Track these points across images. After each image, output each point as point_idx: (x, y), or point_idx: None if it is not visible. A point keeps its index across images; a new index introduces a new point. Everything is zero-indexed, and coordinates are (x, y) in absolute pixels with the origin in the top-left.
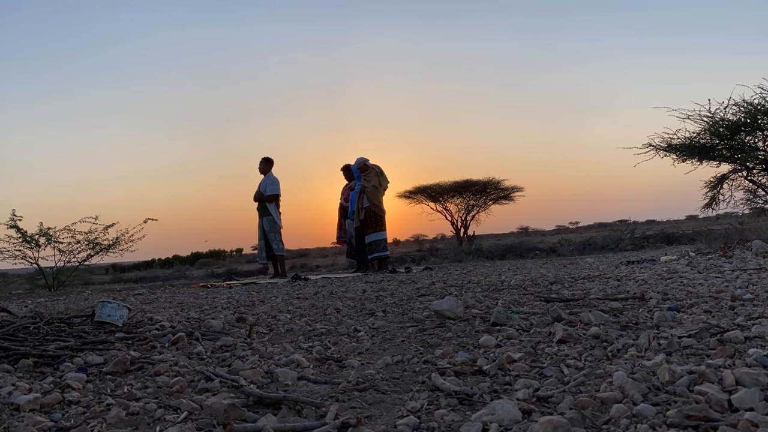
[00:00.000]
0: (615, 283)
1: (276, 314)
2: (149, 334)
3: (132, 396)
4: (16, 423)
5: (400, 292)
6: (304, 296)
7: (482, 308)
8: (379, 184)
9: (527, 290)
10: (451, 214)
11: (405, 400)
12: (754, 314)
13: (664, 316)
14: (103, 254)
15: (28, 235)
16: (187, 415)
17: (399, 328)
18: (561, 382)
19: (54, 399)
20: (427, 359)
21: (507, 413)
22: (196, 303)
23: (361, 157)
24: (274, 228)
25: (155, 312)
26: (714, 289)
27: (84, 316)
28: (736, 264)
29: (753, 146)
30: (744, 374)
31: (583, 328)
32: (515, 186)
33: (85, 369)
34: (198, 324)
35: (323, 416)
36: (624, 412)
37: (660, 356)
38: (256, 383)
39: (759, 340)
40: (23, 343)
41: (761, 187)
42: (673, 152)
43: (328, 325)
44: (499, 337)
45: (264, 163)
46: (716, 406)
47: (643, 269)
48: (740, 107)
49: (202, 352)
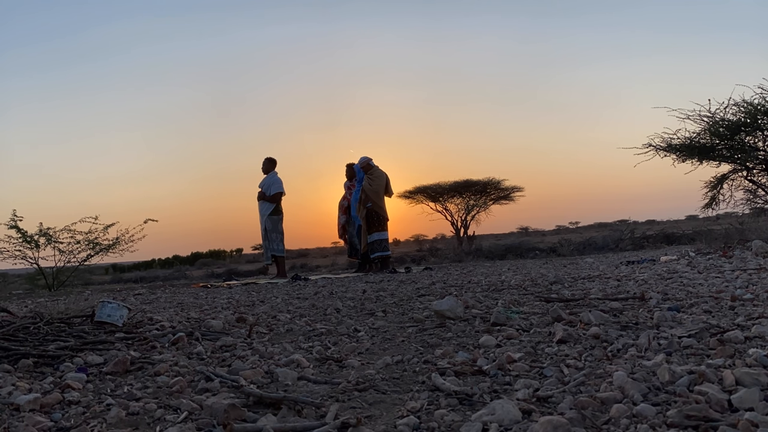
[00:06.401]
0: (615, 283)
1: (276, 314)
2: (149, 334)
3: (132, 396)
4: (16, 423)
5: (400, 292)
6: (304, 296)
7: (482, 308)
8: (383, 190)
9: (527, 290)
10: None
11: (405, 400)
12: (754, 314)
13: (664, 316)
14: (103, 254)
15: (28, 236)
16: (187, 415)
17: (399, 328)
18: (561, 382)
19: (54, 399)
20: (427, 359)
21: (507, 413)
22: (196, 303)
23: (364, 156)
24: (276, 228)
25: (155, 312)
26: (714, 289)
27: (84, 316)
28: (736, 264)
29: (753, 146)
30: (744, 374)
31: (583, 328)
32: (515, 186)
33: (85, 369)
34: (198, 324)
35: (323, 416)
36: (624, 412)
37: (660, 356)
38: (256, 383)
39: (759, 340)
40: (23, 343)
41: (761, 187)
42: (673, 152)
43: (328, 325)
44: (499, 337)
45: (267, 163)
46: (716, 406)
47: (643, 269)
48: (740, 107)
49: (202, 352)
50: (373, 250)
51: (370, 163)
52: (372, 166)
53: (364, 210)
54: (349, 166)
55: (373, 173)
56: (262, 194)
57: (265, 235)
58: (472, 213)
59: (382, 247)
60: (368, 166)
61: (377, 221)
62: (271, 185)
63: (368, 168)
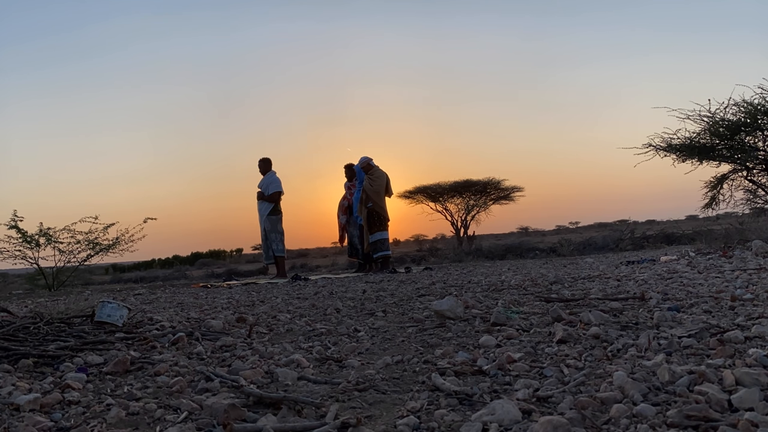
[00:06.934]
0: (615, 283)
1: (276, 314)
2: (149, 334)
3: (132, 396)
4: (16, 423)
5: (400, 292)
6: (304, 296)
7: (482, 308)
8: (384, 190)
9: (527, 290)
10: (451, 214)
11: (405, 400)
12: (754, 314)
13: (664, 316)
14: (103, 254)
15: (28, 236)
16: (187, 415)
17: (399, 328)
18: (561, 382)
19: (54, 399)
20: (427, 359)
21: (507, 413)
22: (196, 303)
23: (365, 156)
24: (275, 228)
25: (155, 312)
26: (714, 289)
27: (84, 316)
28: (736, 264)
29: (753, 146)
30: (744, 374)
31: (583, 328)
32: (515, 186)
33: (85, 369)
34: (198, 324)
35: (323, 416)
36: (624, 412)
37: (660, 356)
38: (256, 383)
39: (759, 340)
40: (23, 343)
41: (761, 187)
42: (673, 152)
43: (328, 325)
44: (499, 337)
45: (262, 164)
46: (716, 406)
47: (643, 269)
48: (740, 107)
49: (202, 352)
50: (376, 250)
51: (370, 163)
52: (372, 166)
53: (365, 210)
54: (348, 166)
55: (374, 173)
56: (261, 194)
57: (264, 236)
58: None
59: (384, 246)
60: (369, 166)
61: (378, 221)
62: (269, 185)
63: (369, 168)
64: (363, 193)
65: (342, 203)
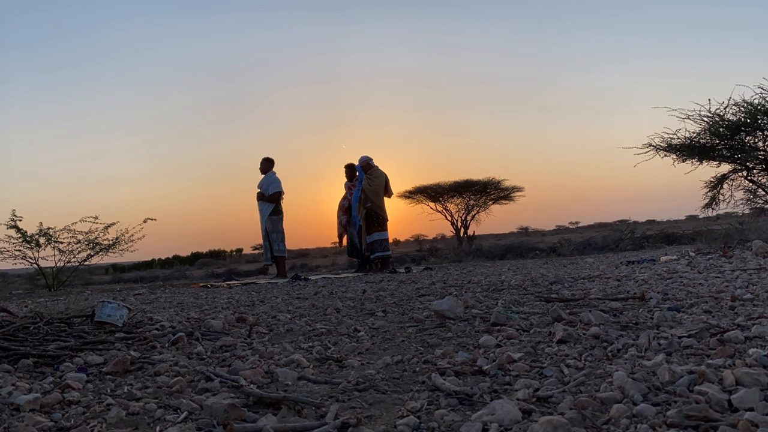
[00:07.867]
0: (615, 283)
1: (276, 314)
2: (149, 334)
3: (132, 396)
4: (16, 423)
5: (400, 292)
6: (304, 296)
7: (482, 308)
8: (383, 190)
9: (527, 290)
10: (451, 214)
11: (405, 400)
12: (754, 314)
13: (664, 316)
14: (103, 254)
15: (28, 235)
16: (187, 415)
17: (399, 328)
18: (561, 382)
19: (54, 399)
20: (427, 359)
21: (507, 413)
22: (196, 303)
23: (365, 156)
24: (276, 228)
25: (155, 312)
26: (714, 289)
27: (84, 316)
28: (736, 264)
29: (753, 146)
30: (744, 374)
31: (583, 328)
32: (515, 186)
33: (85, 369)
34: (198, 324)
35: (323, 416)
36: (624, 412)
37: (660, 356)
38: (256, 383)
39: (759, 340)
40: (23, 343)
41: (761, 187)
42: (673, 152)
43: (328, 325)
44: (499, 337)
45: (264, 163)
46: (716, 406)
47: (643, 269)
48: (740, 107)
49: (202, 352)
50: (373, 250)
51: (370, 163)
52: (372, 165)
53: (364, 210)
54: (348, 166)
55: (373, 173)
56: (261, 195)
57: (265, 236)
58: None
59: (383, 247)
60: (368, 166)
61: (377, 221)
62: (269, 185)
63: (368, 168)
64: (362, 192)
65: (342, 203)
